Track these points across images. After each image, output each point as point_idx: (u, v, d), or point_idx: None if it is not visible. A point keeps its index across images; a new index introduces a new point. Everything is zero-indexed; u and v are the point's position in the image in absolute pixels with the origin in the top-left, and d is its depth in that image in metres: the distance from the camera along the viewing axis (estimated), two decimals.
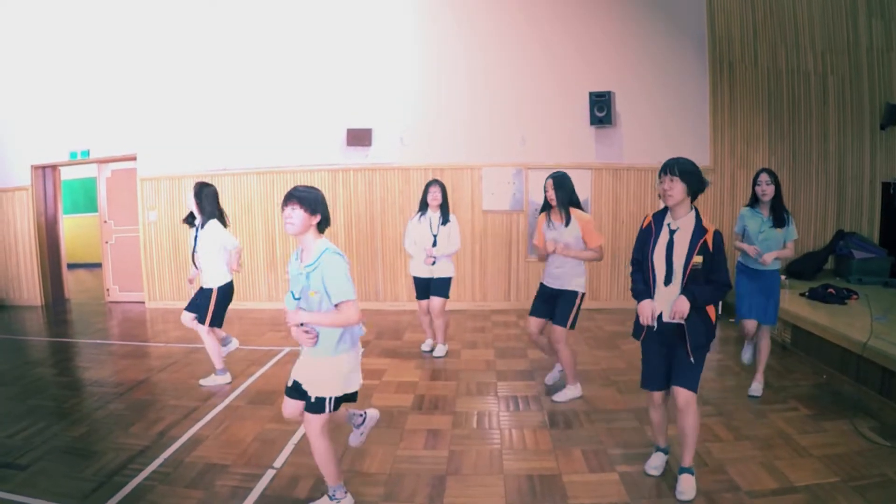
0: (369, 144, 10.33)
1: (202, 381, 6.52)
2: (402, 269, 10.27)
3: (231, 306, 6.68)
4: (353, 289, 3.61)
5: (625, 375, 6.55)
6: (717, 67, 9.96)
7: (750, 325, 5.99)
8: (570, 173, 9.65)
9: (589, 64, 10.05)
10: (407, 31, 10.32)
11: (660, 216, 4.00)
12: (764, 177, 5.76)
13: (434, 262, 7.18)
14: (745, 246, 5.86)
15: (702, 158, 9.80)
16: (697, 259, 3.80)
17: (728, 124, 10.01)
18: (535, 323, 5.98)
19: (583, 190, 9.94)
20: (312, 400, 3.72)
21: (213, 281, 6.41)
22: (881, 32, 10.09)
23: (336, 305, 3.58)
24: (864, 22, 10.03)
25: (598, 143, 10.05)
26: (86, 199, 15.77)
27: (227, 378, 6.53)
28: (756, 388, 5.97)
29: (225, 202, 6.88)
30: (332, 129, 10.39)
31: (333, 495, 3.86)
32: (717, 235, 3.83)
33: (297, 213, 3.60)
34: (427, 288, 7.38)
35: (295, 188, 3.66)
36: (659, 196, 3.94)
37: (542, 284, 5.96)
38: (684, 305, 3.79)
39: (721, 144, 9.95)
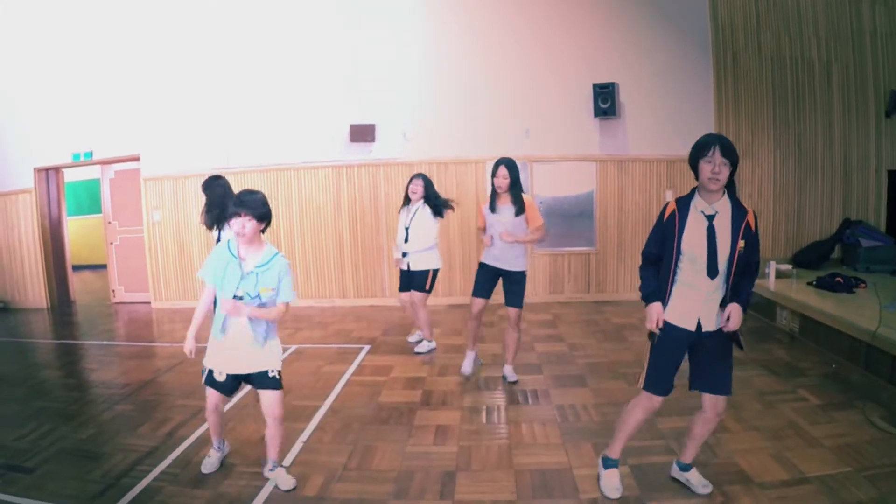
0: (373, 140, 10.30)
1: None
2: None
3: None
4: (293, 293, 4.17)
5: (633, 368, 6.50)
6: (720, 57, 9.90)
7: None
8: (575, 165, 9.87)
9: (592, 55, 10.00)
10: (409, 26, 10.28)
11: (685, 202, 3.66)
12: None
13: (404, 255, 7.24)
14: None
15: None
16: (741, 244, 3.53)
17: (732, 113, 9.95)
18: (482, 304, 6.21)
19: (587, 182, 9.97)
20: (278, 377, 4.18)
21: None
22: (885, 18, 10.00)
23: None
24: (867, 8, 9.94)
25: (602, 135, 10.01)
26: (89, 200, 15.76)
27: None
28: None
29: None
30: (335, 125, 10.35)
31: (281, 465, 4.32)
32: (755, 215, 3.62)
33: (249, 225, 3.86)
34: (409, 279, 7.37)
35: (250, 195, 3.90)
36: (710, 179, 3.50)
37: (484, 264, 6.12)
38: (740, 317, 3.62)
39: (725, 134, 9.80)
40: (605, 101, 9.68)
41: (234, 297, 3.92)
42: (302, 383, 6.44)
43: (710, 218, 3.56)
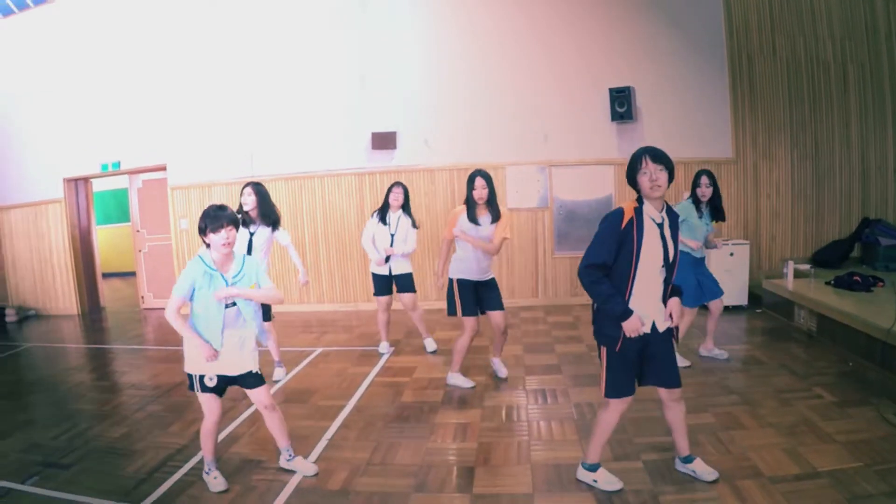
0: (394, 147, 10.48)
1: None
2: (430, 269, 10.35)
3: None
4: None
5: None
6: (735, 59, 9.94)
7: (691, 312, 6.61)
8: (593, 169, 9.91)
9: (608, 60, 10.07)
10: (428, 34, 10.44)
11: (639, 211, 3.74)
12: (704, 179, 6.33)
13: (388, 260, 7.41)
14: (688, 241, 6.30)
15: (724, 150, 9.87)
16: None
17: (749, 115, 9.98)
18: (476, 321, 6.19)
19: (606, 186, 10.03)
20: (260, 373, 4.35)
21: None
22: None
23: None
24: (881, 7, 9.92)
25: (619, 139, 10.07)
26: (117, 209, 16.05)
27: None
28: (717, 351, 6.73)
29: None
30: (358, 134, 10.53)
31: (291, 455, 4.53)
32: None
33: (233, 234, 4.05)
34: (388, 284, 7.57)
35: (225, 210, 4.08)
36: (651, 188, 3.70)
37: (467, 281, 6.09)
38: (680, 305, 3.87)
39: (742, 136, 9.93)
40: (622, 105, 9.75)
41: (226, 305, 4.12)
42: (328, 384, 6.62)
43: (660, 226, 3.75)
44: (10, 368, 8.30)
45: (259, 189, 6.54)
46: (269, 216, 6.53)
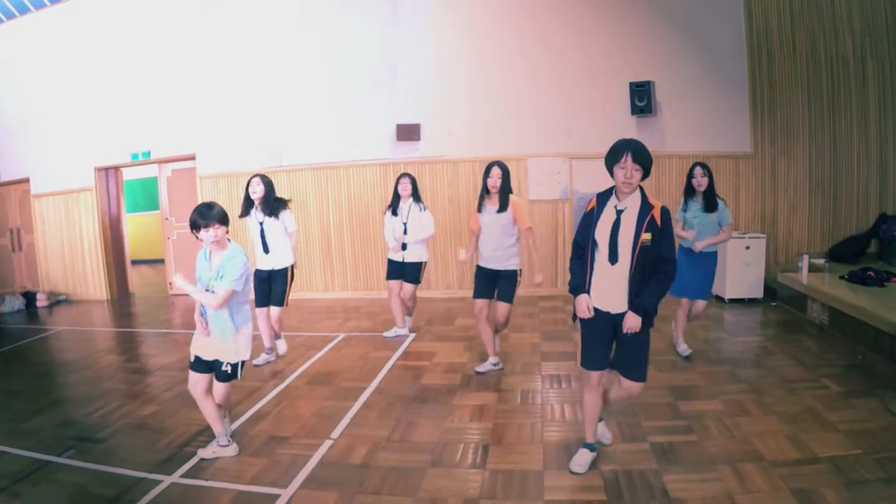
0: (419, 139, 10.65)
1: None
2: (453, 258, 10.56)
3: (290, 296, 7.21)
4: (238, 284, 4.43)
5: (663, 356, 6.71)
6: (755, 55, 9.98)
7: (687, 302, 6.65)
8: None
9: (628, 54, 10.17)
10: (452, 25, 10.58)
11: (604, 197, 4.05)
12: (698, 170, 6.40)
13: (404, 247, 7.69)
14: (683, 233, 6.44)
15: (742, 145, 9.94)
16: (646, 236, 3.84)
17: (767, 111, 10.02)
18: (481, 304, 6.37)
19: None
20: (229, 371, 4.61)
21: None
22: None
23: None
24: None
25: (639, 133, 10.07)
26: (146, 198, 16.33)
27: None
28: (684, 348, 6.72)
29: (281, 197, 7.25)
30: (383, 125, 10.71)
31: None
32: (665, 211, 3.91)
33: (220, 231, 4.38)
34: (399, 270, 7.83)
35: (213, 209, 4.43)
36: (623, 183, 3.88)
37: (479, 267, 6.38)
38: (636, 322, 3.95)
39: (761, 131, 9.99)
40: (642, 99, 9.86)
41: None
42: (350, 367, 6.86)
43: (619, 212, 3.92)
44: (43, 350, 8.62)
45: (266, 180, 6.94)
46: (270, 206, 6.89)
